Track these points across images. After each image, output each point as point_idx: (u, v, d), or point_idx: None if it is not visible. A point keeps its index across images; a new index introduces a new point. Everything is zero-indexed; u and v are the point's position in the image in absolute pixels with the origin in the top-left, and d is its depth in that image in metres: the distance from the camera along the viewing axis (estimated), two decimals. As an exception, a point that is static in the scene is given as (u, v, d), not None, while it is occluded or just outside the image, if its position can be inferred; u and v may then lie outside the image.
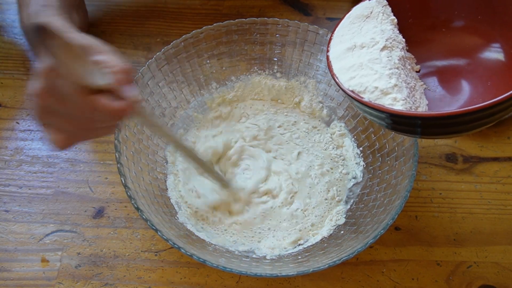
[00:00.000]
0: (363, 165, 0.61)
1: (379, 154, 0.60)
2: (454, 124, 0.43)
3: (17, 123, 0.67)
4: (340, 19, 0.53)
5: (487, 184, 0.63)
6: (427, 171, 0.64)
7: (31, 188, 0.61)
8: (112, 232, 0.58)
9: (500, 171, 0.64)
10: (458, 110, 0.40)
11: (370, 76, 0.47)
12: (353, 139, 0.64)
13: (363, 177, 0.60)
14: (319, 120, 0.67)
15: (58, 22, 0.49)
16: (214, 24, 0.64)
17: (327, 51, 0.51)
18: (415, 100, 0.47)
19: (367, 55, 0.48)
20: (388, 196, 0.54)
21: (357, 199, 0.59)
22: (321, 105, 0.67)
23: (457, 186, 0.63)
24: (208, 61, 0.66)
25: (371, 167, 0.60)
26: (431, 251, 0.58)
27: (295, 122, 0.66)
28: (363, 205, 0.57)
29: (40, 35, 0.35)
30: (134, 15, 0.78)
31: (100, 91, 0.39)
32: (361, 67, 0.47)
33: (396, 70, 0.47)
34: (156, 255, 0.57)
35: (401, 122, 0.45)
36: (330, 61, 0.50)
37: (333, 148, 0.64)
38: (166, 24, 0.77)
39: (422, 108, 0.48)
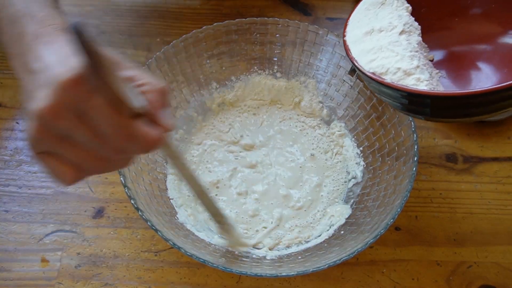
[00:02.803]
0: (363, 165, 0.61)
1: (379, 154, 0.60)
2: (485, 104, 0.42)
3: (17, 123, 0.67)
4: (355, 6, 0.53)
5: (487, 184, 0.63)
6: (427, 171, 0.64)
7: (31, 188, 0.61)
8: (112, 232, 0.58)
9: (500, 171, 0.64)
10: (496, 86, 0.40)
11: (391, 58, 0.47)
12: (353, 139, 0.64)
13: (363, 177, 0.60)
14: (319, 120, 0.67)
15: (58, 18, 0.39)
16: (214, 24, 0.64)
17: (343, 36, 0.52)
18: (433, 85, 0.47)
19: (386, 38, 0.48)
20: (388, 196, 0.54)
21: (357, 199, 0.59)
22: (321, 105, 0.67)
23: (457, 186, 0.63)
24: (208, 61, 0.66)
25: (371, 167, 0.60)
26: (431, 251, 0.58)
27: (295, 124, 0.67)
28: (363, 205, 0.57)
29: (76, 36, 0.27)
30: (134, 15, 0.78)
31: (134, 114, 0.32)
32: (381, 50, 0.48)
33: (416, 53, 0.47)
34: (156, 255, 0.57)
35: (423, 103, 0.45)
36: (348, 45, 0.50)
37: (333, 148, 0.64)
38: (166, 24, 0.77)
39: None
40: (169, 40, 0.63)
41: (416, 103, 0.45)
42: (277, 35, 0.66)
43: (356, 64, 0.48)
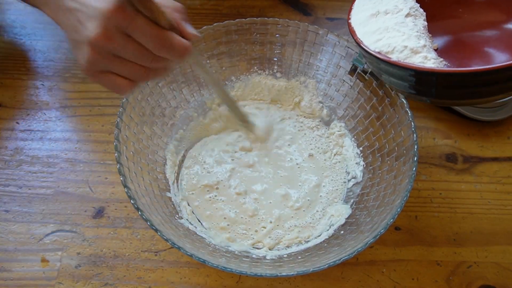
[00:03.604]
0: (363, 165, 0.61)
1: (379, 154, 0.60)
2: (491, 83, 0.42)
3: (17, 123, 0.67)
4: None
5: (487, 184, 0.63)
6: (427, 171, 0.64)
7: (31, 188, 0.61)
8: (112, 232, 0.58)
9: (500, 171, 0.64)
10: (502, 64, 0.40)
11: (397, 37, 0.47)
12: (353, 139, 0.64)
13: (363, 177, 0.60)
14: (319, 121, 0.67)
15: None
16: (214, 24, 0.64)
17: (348, 19, 0.51)
18: (440, 66, 0.47)
19: (392, 19, 0.48)
20: (388, 196, 0.54)
21: (357, 199, 0.59)
22: (321, 105, 0.67)
23: (457, 186, 0.63)
24: (208, 61, 0.66)
25: (371, 167, 0.60)
26: (431, 251, 0.58)
27: (294, 123, 0.67)
28: (363, 205, 0.57)
29: None
30: (134, 15, 0.78)
31: (170, 27, 0.40)
32: (387, 30, 0.48)
33: (423, 35, 0.47)
34: (156, 255, 0.57)
35: (429, 82, 0.44)
36: (353, 27, 0.50)
37: (333, 148, 0.64)
38: (166, 24, 0.77)
39: None
40: (169, 40, 0.63)
41: (422, 82, 0.45)
42: (277, 35, 0.66)
43: (362, 45, 0.48)
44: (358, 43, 0.49)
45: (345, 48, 0.63)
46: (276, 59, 0.68)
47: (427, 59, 0.45)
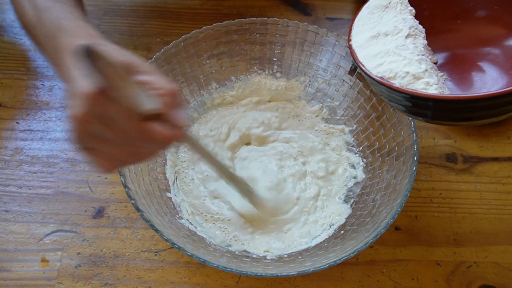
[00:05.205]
0: (363, 165, 0.61)
1: (379, 154, 0.60)
2: (490, 107, 0.42)
3: (17, 123, 0.67)
4: (358, 10, 0.53)
5: (487, 184, 0.63)
6: (427, 171, 0.64)
7: (31, 188, 0.61)
8: (112, 232, 0.58)
9: (500, 171, 0.64)
10: (502, 90, 0.40)
11: (399, 62, 0.47)
12: (353, 139, 0.64)
13: (363, 177, 0.60)
14: (319, 120, 0.67)
15: (89, 30, 0.45)
16: (214, 24, 0.64)
17: (349, 40, 0.51)
18: (441, 88, 0.47)
19: (392, 42, 0.48)
20: (388, 196, 0.54)
21: (357, 199, 0.59)
22: (321, 105, 0.67)
23: (457, 186, 0.63)
24: (207, 61, 0.66)
25: (371, 167, 0.60)
26: (431, 251, 0.58)
27: (296, 121, 0.67)
28: (363, 205, 0.57)
29: (87, 56, 0.32)
30: (134, 15, 0.78)
31: (149, 116, 0.37)
32: (388, 54, 0.47)
33: (423, 57, 0.47)
34: (156, 255, 0.57)
35: (435, 107, 0.45)
36: (354, 50, 0.50)
37: (332, 148, 0.64)
38: (166, 24, 0.77)
39: None
40: (169, 40, 0.63)
41: (420, 106, 0.45)
42: (277, 35, 0.66)
43: (363, 68, 0.48)
44: (360, 67, 0.49)
45: (345, 48, 0.63)
46: (276, 59, 0.68)
47: (429, 84, 0.45)
